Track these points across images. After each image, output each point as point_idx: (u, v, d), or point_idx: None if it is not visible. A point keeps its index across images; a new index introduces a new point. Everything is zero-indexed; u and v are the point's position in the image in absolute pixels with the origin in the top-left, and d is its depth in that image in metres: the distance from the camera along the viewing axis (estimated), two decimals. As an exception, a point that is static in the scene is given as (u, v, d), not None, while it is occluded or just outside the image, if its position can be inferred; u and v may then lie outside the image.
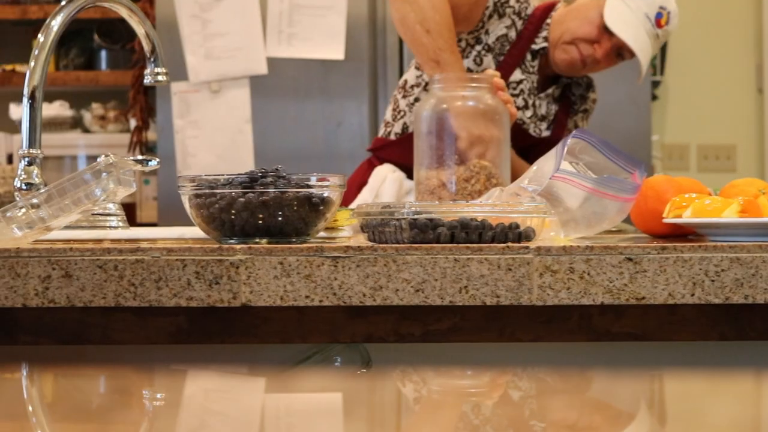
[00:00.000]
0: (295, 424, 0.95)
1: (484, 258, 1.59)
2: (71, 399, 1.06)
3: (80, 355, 1.77)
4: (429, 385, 1.15)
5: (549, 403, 1.03)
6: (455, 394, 1.09)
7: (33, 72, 2.00)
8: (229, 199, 1.70)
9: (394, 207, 1.67)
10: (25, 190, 1.96)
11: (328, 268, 1.59)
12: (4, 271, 1.60)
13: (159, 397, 1.10)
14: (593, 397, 1.06)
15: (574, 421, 0.95)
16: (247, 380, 1.26)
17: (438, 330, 1.64)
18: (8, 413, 0.98)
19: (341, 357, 1.84)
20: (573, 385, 1.11)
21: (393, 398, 1.07)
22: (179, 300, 1.60)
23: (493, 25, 2.79)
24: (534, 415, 0.97)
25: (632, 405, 1.02)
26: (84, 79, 4.77)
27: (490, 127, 2.45)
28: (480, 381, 1.18)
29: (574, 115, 2.98)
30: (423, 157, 2.41)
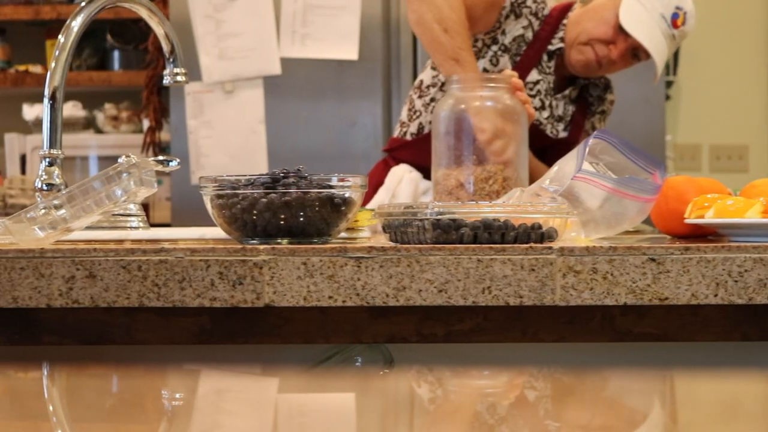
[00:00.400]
0: (308, 423, 0.95)
1: (508, 258, 1.59)
2: (90, 399, 1.07)
3: (103, 356, 1.78)
4: (446, 385, 1.15)
5: (569, 402, 1.03)
6: (472, 394, 1.09)
7: (53, 73, 2.01)
8: (251, 199, 1.71)
9: (416, 207, 1.68)
10: (45, 191, 1.97)
11: (352, 268, 1.59)
12: (28, 271, 1.60)
13: (177, 397, 1.10)
14: (613, 397, 1.06)
15: (596, 422, 0.95)
16: (265, 380, 1.26)
17: (461, 330, 1.64)
18: (24, 413, 0.98)
19: (362, 357, 1.84)
20: (595, 385, 1.12)
21: (408, 398, 1.07)
22: (203, 300, 1.60)
23: (510, 26, 2.80)
24: (556, 416, 0.97)
25: (652, 405, 1.02)
26: (97, 79, 4.78)
27: (509, 124, 2.45)
28: (500, 381, 1.18)
29: (592, 117, 2.98)
30: (441, 158, 2.41)
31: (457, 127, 2.39)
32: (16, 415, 0.98)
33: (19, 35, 4.92)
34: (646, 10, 2.80)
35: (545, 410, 1.01)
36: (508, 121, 2.41)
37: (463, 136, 2.38)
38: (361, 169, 3.09)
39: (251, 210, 1.71)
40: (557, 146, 2.87)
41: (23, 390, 1.13)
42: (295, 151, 4.08)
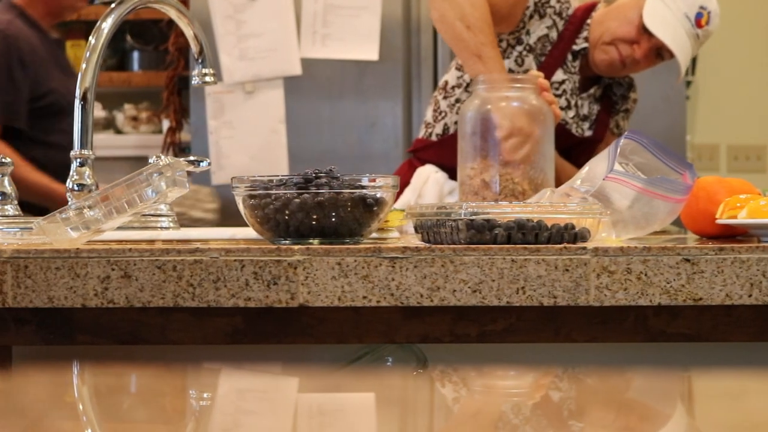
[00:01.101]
0: (334, 423, 0.95)
1: (542, 259, 1.60)
2: (115, 398, 1.07)
3: (136, 355, 1.78)
4: (471, 385, 1.15)
5: (595, 403, 1.03)
6: (497, 394, 1.09)
7: (84, 74, 2.02)
8: (284, 200, 1.71)
9: (450, 208, 1.68)
10: (77, 191, 1.98)
11: (386, 268, 1.60)
12: (63, 271, 1.61)
13: (205, 396, 1.10)
14: (641, 398, 1.06)
15: (620, 422, 0.95)
16: (293, 380, 1.26)
17: (494, 330, 1.64)
18: (48, 412, 0.99)
19: (393, 357, 1.85)
20: (624, 386, 1.12)
21: (430, 398, 1.07)
22: (237, 300, 1.60)
23: (534, 26, 2.80)
24: (580, 416, 0.97)
25: (680, 406, 1.02)
26: (116, 80, 4.79)
27: (533, 124, 2.45)
28: (527, 381, 1.18)
29: (615, 115, 2.98)
30: (467, 158, 2.41)
31: (482, 128, 2.39)
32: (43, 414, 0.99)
33: (39, 36, 4.94)
34: (669, 9, 2.80)
35: (569, 410, 1.01)
36: (533, 122, 2.41)
37: (488, 136, 2.38)
38: (381, 170, 3.09)
39: (284, 210, 1.71)
40: (582, 145, 2.87)
41: (48, 389, 1.13)
42: (315, 151, 4.09)
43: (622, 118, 3.00)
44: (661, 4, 2.80)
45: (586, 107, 2.89)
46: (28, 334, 1.65)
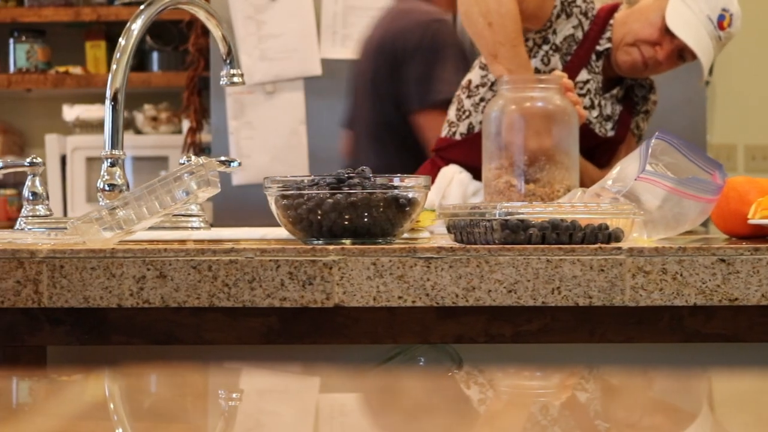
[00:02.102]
0: (349, 423, 0.95)
1: (577, 259, 1.60)
2: (146, 399, 1.07)
3: (171, 355, 1.79)
4: (496, 385, 1.15)
5: (623, 402, 1.03)
6: (520, 395, 1.09)
7: (115, 75, 2.02)
8: (317, 200, 1.71)
9: (484, 208, 1.68)
10: (108, 191, 1.98)
11: (421, 269, 1.60)
12: (99, 271, 1.61)
13: (234, 396, 1.10)
14: (671, 398, 1.06)
15: (645, 422, 0.94)
16: (319, 380, 1.26)
17: (528, 331, 1.64)
18: (68, 411, 0.99)
19: (425, 357, 1.85)
20: (655, 385, 1.12)
21: (453, 398, 1.07)
22: (272, 300, 1.60)
23: (561, 25, 2.80)
24: (606, 416, 0.97)
25: (711, 406, 1.02)
26: (136, 80, 4.80)
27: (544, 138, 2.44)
28: (559, 381, 1.18)
29: (636, 116, 2.98)
30: (491, 158, 2.41)
31: (507, 128, 2.39)
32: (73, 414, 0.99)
33: (59, 37, 4.95)
34: (692, 11, 2.79)
35: (596, 411, 1.01)
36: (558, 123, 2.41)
37: (513, 136, 2.38)
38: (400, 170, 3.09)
39: (316, 210, 1.72)
40: (605, 145, 2.87)
41: (79, 389, 1.13)
42: (335, 151, 4.08)
43: (642, 120, 3.00)
44: (684, 5, 2.80)
45: (609, 107, 2.89)
46: (62, 334, 1.66)
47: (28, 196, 1.98)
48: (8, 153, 4.97)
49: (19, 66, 4.85)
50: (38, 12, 4.79)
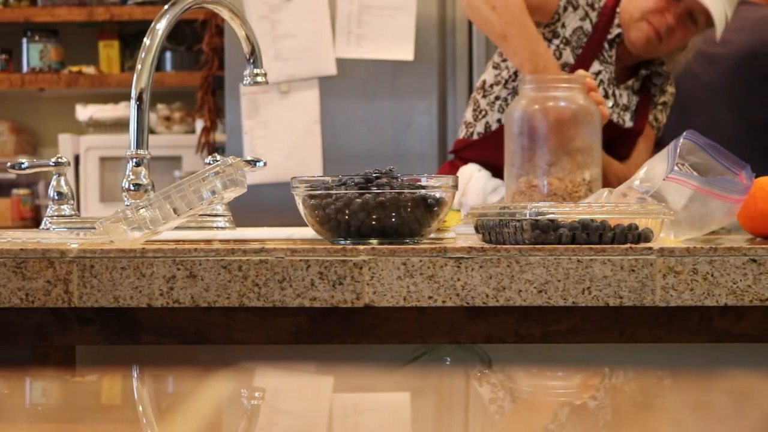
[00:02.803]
0: (362, 422, 0.95)
1: (607, 259, 1.59)
2: (173, 399, 1.07)
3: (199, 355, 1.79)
4: (513, 385, 1.15)
5: (659, 404, 1.03)
6: (536, 395, 1.09)
7: (140, 74, 2.02)
8: (345, 199, 1.71)
9: (514, 208, 1.68)
10: (132, 191, 1.98)
11: (451, 269, 1.60)
12: (129, 271, 1.61)
13: (257, 396, 1.10)
14: (704, 398, 1.05)
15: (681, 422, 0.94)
16: (337, 379, 1.26)
17: (557, 331, 1.64)
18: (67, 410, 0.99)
19: (451, 357, 1.85)
20: (685, 386, 1.11)
21: (472, 399, 1.07)
22: (303, 300, 1.60)
23: (569, 18, 2.80)
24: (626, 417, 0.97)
25: (740, 408, 1.02)
26: (150, 80, 4.80)
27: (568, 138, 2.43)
28: (575, 381, 1.18)
29: (654, 108, 2.97)
30: (514, 158, 2.41)
31: (530, 128, 2.38)
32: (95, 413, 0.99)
33: (72, 36, 4.95)
34: None
35: (617, 413, 1.00)
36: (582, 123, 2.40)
37: (536, 136, 2.38)
38: (417, 170, 3.09)
39: (344, 210, 1.72)
40: (624, 137, 2.87)
41: (104, 389, 1.13)
42: (350, 151, 4.09)
43: (660, 111, 2.99)
44: None
45: (625, 97, 2.89)
46: (92, 334, 1.66)
47: (53, 196, 1.98)
48: (21, 152, 4.98)
49: (33, 65, 4.85)
50: (51, 11, 4.80)
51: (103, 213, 4.08)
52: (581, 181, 2.37)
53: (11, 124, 4.99)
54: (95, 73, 4.82)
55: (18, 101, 5.10)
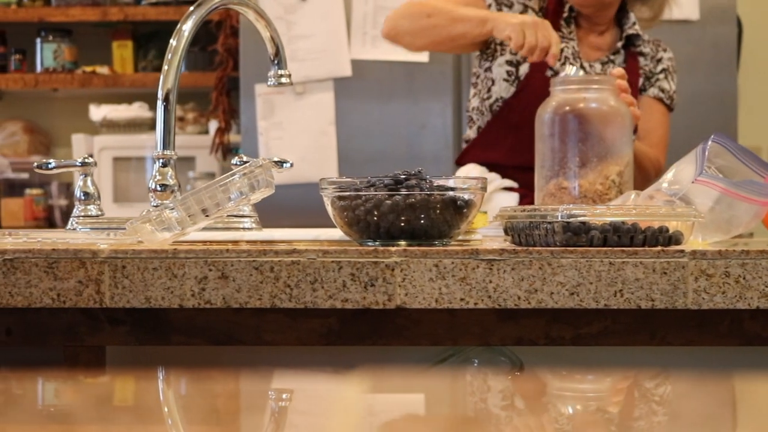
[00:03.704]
0: (378, 422, 0.95)
1: (639, 262, 1.59)
2: (202, 401, 1.07)
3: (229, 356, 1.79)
4: (553, 387, 1.15)
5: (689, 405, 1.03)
6: (552, 397, 1.09)
7: (167, 76, 2.02)
8: (375, 201, 1.71)
9: (545, 210, 1.68)
10: (159, 191, 1.98)
11: (483, 270, 1.60)
12: (161, 271, 1.61)
13: (284, 397, 1.10)
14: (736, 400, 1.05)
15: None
16: (361, 381, 1.26)
17: (589, 333, 1.64)
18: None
19: (479, 359, 1.85)
20: (714, 387, 1.11)
21: (506, 399, 1.07)
22: (334, 302, 1.60)
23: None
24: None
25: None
26: (163, 80, 4.80)
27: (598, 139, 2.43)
28: (614, 385, 1.18)
29: (654, 80, 2.92)
30: (544, 160, 2.40)
31: (561, 129, 2.38)
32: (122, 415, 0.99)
33: (86, 36, 4.96)
34: None
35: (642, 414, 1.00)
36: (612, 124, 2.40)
37: (567, 138, 2.37)
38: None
39: (373, 212, 1.72)
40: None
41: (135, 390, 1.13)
42: (365, 152, 4.09)
43: (664, 80, 2.94)
44: None
45: (599, 67, 2.89)
46: (122, 335, 1.66)
47: (80, 196, 1.98)
48: (34, 153, 4.98)
49: (46, 65, 4.86)
50: (65, 11, 4.80)
51: (116, 213, 4.09)
52: (612, 183, 2.36)
53: (25, 124, 5.00)
54: (109, 74, 4.82)
55: (31, 101, 5.11)
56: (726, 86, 3.97)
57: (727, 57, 3.99)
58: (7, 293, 1.62)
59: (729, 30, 3.99)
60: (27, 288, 1.62)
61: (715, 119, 4.00)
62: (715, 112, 4.01)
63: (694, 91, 3.90)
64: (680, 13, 3.84)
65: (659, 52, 2.97)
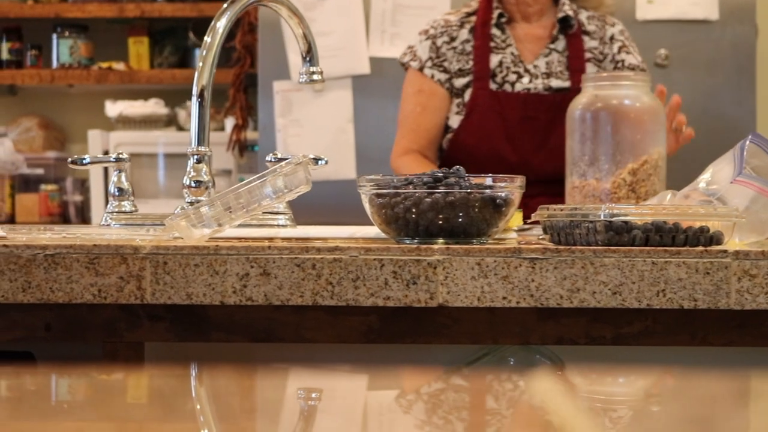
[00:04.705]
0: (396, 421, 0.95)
1: (682, 261, 1.59)
2: (233, 399, 1.07)
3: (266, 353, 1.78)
4: (589, 386, 1.15)
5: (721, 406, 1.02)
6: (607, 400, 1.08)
7: (201, 72, 2.02)
8: (415, 199, 1.71)
9: (587, 209, 1.67)
10: (194, 188, 1.98)
11: (526, 269, 1.59)
12: (202, 268, 1.61)
13: (314, 396, 1.10)
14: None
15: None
16: (392, 380, 1.26)
17: (629, 333, 1.64)
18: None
19: (514, 357, 1.84)
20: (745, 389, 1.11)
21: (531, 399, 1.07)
22: (376, 300, 1.60)
23: (451, 63, 3.00)
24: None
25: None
26: (179, 77, 4.80)
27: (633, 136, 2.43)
28: (654, 384, 1.17)
29: (620, 62, 2.90)
30: (574, 156, 2.39)
31: (593, 126, 2.37)
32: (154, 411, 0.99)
33: (102, 32, 4.95)
34: None
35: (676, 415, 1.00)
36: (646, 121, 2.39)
37: (599, 135, 2.36)
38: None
39: (412, 209, 1.71)
40: (567, 100, 2.88)
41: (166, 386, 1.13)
42: (383, 150, 4.08)
43: (628, 54, 2.91)
44: None
45: (543, 65, 2.89)
46: (162, 331, 1.66)
47: (114, 192, 1.98)
48: (49, 148, 4.98)
49: (62, 61, 4.85)
50: (82, 7, 4.80)
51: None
52: (641, 179, 2.35)
53: (40, 120, 5.00)
54: (125, 70, 4.82)
55: (47, 97, 5.10)
56: (745, 86, 3.96)
57: (746, 57, 3.98)
58: (48, 289, 1.62)
59: (748, 30, 3.99)
60: (68, 283, 1.61)
61: (734, 119, 4.00)
62: (734, 111, 4.01)
63: (712, 90, 3.89)
64: (700, 12, 3.83)
65: (607, 29, 2.95)
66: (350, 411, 1.01)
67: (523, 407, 1.02)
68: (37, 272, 1.61)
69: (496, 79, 2.88)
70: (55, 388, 1.09)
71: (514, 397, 1.06)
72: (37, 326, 1.66)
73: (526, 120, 2.88)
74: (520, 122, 2.89)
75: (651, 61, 3.83)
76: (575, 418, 0.94)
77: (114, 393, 1.08)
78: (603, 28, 2.93)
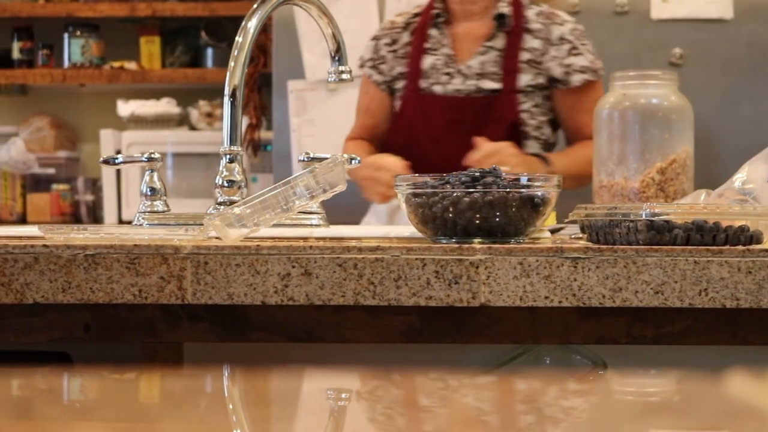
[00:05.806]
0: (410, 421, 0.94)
1: (724, 261, 1.59)
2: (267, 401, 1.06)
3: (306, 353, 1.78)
4: (594, 385, 1.14)
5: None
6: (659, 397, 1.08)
7: (233, 72, 2.02)
8: (453, 198, 1.71)
9: (627, 208, 1.67)
10: (227, 188, 1.98)
11: (568, 269, 1.59)
12: (243, 268, 1.61)
13: (343, 397, 1.10)
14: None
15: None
16: (423, 380, 1.25)
17: (671, 332, 1.63)
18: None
19: (551, 357, 1.84)
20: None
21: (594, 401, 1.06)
22: (418, 299, 1.60)
23: (390, 65, 3.02)
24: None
25: None
26: (192, 76, 4.80)
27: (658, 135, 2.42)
28: (698, 384, 1.17)
29: (569, 65, 2.88)
30: (601, 155, 2.38)
31: (621, 125, 2.36)
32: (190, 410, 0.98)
33: (113, 32, 4.95)
34: None
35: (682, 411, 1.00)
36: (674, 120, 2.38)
37: (627, 134, 2.36)
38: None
39: (449, 209, 1.71)
40: (497, 102, 2.88)
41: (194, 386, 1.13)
42: (397, 150, 4.08)
43: (569, 55, 2.88)
44: None
45: (477, 65, 2.88)
46: (201, 331, 1.65)
47: (146, 192, 1.98)
48: (60, 148, 4.98)
49: (74, 61, 4.85)
50: (93, 7, 4.79)
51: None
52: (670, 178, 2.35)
53: (51, 120, 4.99)
54: (136, 69, 4.82)
55: (58, 96, 5.10)
56: (760, 85, 3.95)
57: (761, 55, 3.98)
58: (89, 289, 1.61)
59: (763, 28, 3.98)
60: (108, 284, 1.61)
61: (749, 118, 3.99)
62: (749, 110, 4.00)
63: (727, 89, 3.89)
64: (714, 11, 3.83)
65: (554, 28, 2.92)
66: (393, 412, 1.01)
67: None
68: (77, 272, 1.61)
69: (428, 80, 2.90)
70: (90, 388, 1.09)
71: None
72: (76, 327, 1.66)
73: (452, 123, 2.88)
74: (446, 124, 2.89)
75: (665, 61, 3.83)
76: None
77: (154, 393, 1.08)
78: (549, 27, 2.91)
